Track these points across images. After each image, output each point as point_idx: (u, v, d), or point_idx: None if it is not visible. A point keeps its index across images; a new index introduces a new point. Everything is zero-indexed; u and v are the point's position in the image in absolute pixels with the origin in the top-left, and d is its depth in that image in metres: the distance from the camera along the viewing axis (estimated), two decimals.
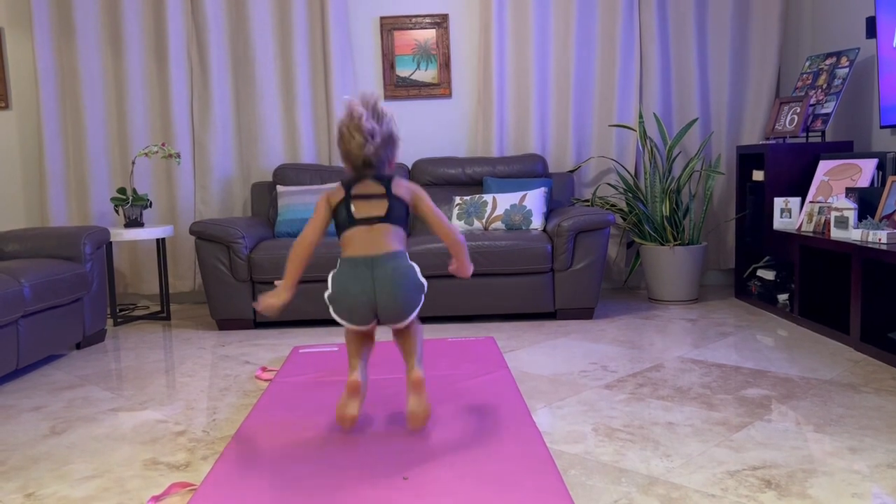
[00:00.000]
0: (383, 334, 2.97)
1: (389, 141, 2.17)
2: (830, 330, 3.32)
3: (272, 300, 2.18)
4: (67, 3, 4.50)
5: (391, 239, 2.17)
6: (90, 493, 1.93)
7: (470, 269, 2.36)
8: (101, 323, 3.73)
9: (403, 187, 2.22)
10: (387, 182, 2.18)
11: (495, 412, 2.37)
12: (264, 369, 3.06)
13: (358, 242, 2.17)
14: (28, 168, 4.71)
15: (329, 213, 2.23)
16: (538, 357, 3.18)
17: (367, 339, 2.28)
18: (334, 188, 2.23)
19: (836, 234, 3.34)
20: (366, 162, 2.13)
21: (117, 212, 4.31)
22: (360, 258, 2.14)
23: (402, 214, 2.21)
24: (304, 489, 1.85)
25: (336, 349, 3.29)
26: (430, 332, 3.62)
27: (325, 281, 2.21)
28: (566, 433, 2.25)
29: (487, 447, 2.08)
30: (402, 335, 2.28)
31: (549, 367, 3.02)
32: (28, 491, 1.96)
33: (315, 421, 2.35)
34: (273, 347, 3.51)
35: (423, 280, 2.21)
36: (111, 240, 3.97)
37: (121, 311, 4.28)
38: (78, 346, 3.61)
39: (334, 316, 2.19)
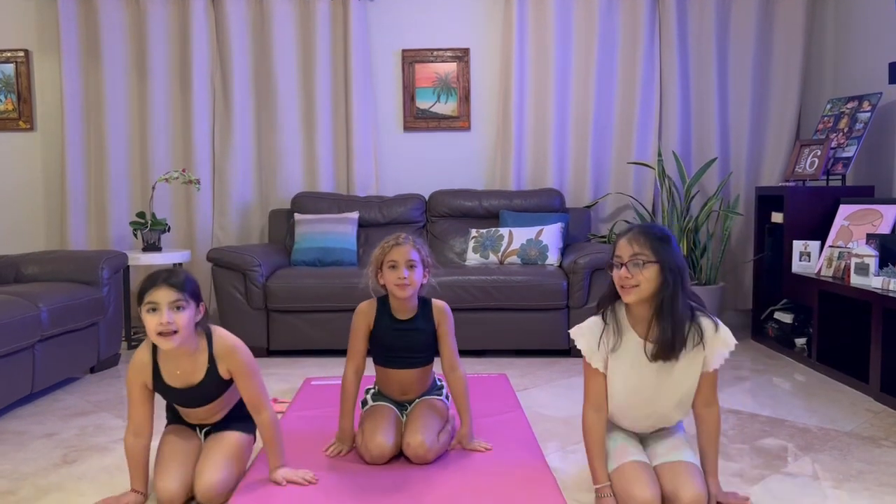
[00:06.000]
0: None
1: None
2: (849, 378, 3.27)
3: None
4: (95, 28, 4.58)
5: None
6: None
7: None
8: (115, 347, 3.74)
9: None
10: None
11: (509, 455, 2.34)
12: (275, 401, 3.04)
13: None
14: (50, 190, 4.76)
15: None
16: (552, 397, 3.15)
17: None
18: None
19: (856, 280, 3.31)
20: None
21: (136, 235, 4.34)
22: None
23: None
24: None
25: None
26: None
27: (336, 311, 2.24)
28: (580, 480, 2.21)
29: (501, 493, 2.05)
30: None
31: (564, 407, 2.99)
32: None
33: (327, 459, 2.33)
34: (285, 377, 3.50)
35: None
36: (129, 264, 3.99)
37: (135, 334, 4.29)
38: (92, 370, 3.61)
39: None
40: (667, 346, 1.91)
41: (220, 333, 2.12)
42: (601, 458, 1.99)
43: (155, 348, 2.06)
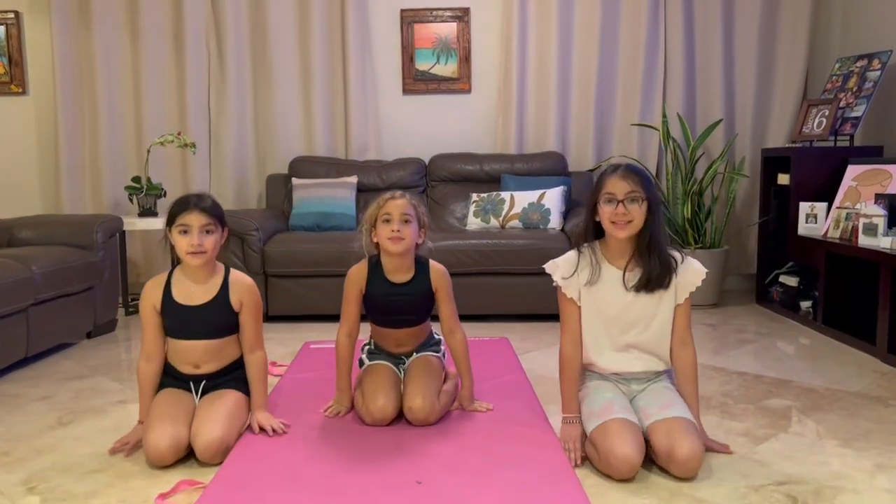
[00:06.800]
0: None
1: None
2: (855, 340, 3.23)
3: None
4: None
5: None
6: (94, 488, 1.89)
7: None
8: (112, 312, 3.69)
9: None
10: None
11: (511, 416, 2.31)
12: (274, 364, 3.01)
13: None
14: (44, 154, 4.68)
15: None
16: (554, 359, 3.08)
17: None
18: None
19: (864, 241, 3.25)
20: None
21: (131, 201, 4.27)
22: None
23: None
24: (314, 490, 1.79)
25: None
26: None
27: (334, 276, 2.22)
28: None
29: (503, 452, 2.02)
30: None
31: None
32: (31, 484, 1.92)
33: (325, 420, 2.30)
34: (284, 342, 3.46)
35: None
36: (124, 228, 3.94)
37: (132, 300, 4.24)
38: (89, 336, 3.57)
39: None
40: (654, 279, 2.01)
41: (238, 272, 2.25)
42: (574, 388, 2.09)
43: (171, 272, 2.18)
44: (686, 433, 1.87)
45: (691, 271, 2.05)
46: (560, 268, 2.09)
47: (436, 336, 2.47)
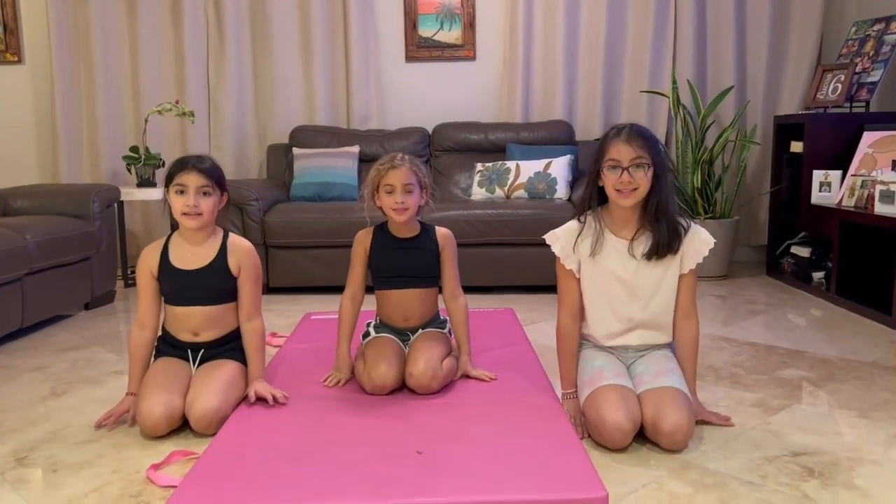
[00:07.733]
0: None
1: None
2: (869, 310, 3.15)
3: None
4: None
5: None
6: (86, 458, 1.83)
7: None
8: (110, 284, 3.63)
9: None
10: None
11: (516, 386, 2.24)
12: (274, 335, 2.95)
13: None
14: (41, 124, 4.60)
15: None
16: None
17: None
18: None
19: (880, 209, 3.15)
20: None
21: (129, 171, 4.20)
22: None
23: None
24: (312, 461, 1.73)
25: None
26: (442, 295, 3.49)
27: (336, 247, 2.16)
28: None
29: (507, 422, 1.95)
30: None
31: None
32: (21, 455, 1.87)
33: (325, 390, 2.24)
34: (284, 313, 3.40)
35: None
36: (122, 199, 3.87)
37: (132, 272, 4.18)
38: (86, 307, 3.52)
39: None
40: (663, 245, 1.91)
41: (237, 236, 2.19)
42: (572, 363, 2.02)
43: (169, 237, 2.13)
44: (674, 405, 1.80)
45: (698, 240, 1.95)
46: (560, 238, 2.01)
47: (442, 317, 2.41)
